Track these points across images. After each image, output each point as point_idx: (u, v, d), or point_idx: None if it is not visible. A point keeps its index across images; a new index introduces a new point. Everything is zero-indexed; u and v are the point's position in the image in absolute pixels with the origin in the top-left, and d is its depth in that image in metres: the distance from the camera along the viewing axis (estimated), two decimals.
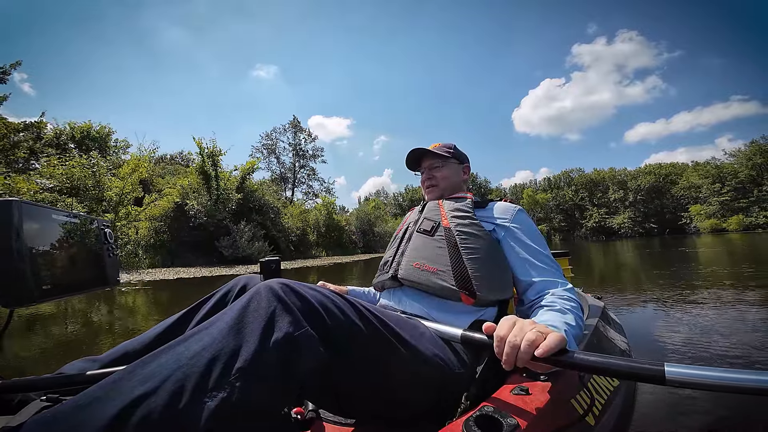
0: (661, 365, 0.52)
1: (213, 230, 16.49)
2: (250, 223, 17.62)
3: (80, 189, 13.33)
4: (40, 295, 0.65)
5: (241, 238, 16.49)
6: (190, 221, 16.07)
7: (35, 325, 3.67)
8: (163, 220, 15.64)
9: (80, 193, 13.31)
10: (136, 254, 13.81)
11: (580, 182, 61.61)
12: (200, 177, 17.48)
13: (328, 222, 25.50)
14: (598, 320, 1.32)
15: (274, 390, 0.49)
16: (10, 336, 3.17)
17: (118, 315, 4.31)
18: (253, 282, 0.91)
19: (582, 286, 2.26)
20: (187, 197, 16.59)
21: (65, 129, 23.01)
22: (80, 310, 4.67)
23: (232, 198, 17.76)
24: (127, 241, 13.99)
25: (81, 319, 4.06)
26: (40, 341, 3.04)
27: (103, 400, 0.42)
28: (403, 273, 0.99)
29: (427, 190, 1.23)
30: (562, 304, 0.84)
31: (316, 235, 24.20)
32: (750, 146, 46.03)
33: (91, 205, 13.19)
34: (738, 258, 7.73)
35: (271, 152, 38.83)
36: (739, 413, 1.26)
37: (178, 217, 16.09)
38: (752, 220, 42.28)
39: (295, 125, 39.85)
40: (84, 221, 0.81)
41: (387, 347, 0.66)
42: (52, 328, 3.53)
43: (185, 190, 16.78)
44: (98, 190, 13.67)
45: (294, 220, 22.37)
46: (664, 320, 2.67)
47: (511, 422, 0.58)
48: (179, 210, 16.22)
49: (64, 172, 13.17)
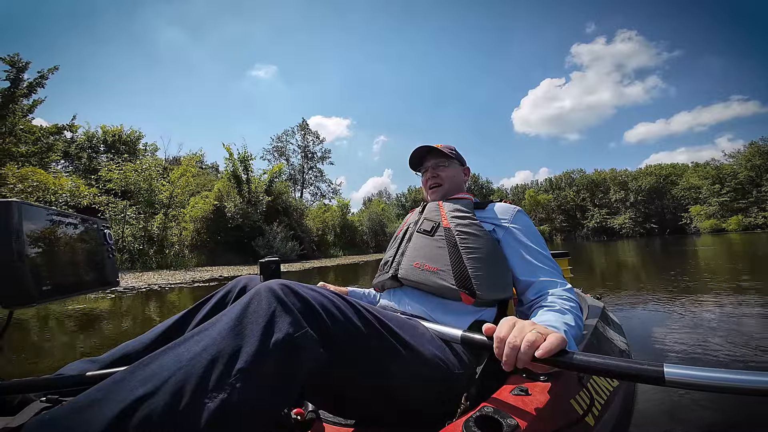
0: (660, 366, 0.52)
1: (248, 231, 17.55)
2: (280, 224, 18.91)
3: (135, 192, 14.03)
4: (40, 296, 0.65)
5: (275, 239, 18.01)
6: (228, 223, 17.27)
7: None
8: (202, 222, 16.67)
9: (134, 196, 14.03)
10: (182, 254, 14.49)
11: (582, 183, 61.87)
12: (233, 181, 19.03)
13: (343, 223, 26.65)
14: (598, 321, 1.32)
15: (274, 391, 0.49)
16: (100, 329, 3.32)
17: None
18: (253, 283, 0.91)
19: (582, 286, 2.26)
20: (222, 200, 17.66)
21: (97, 132, 24.54)
22: (171, 302, 4.93)
23: (262, 200, 19.25)
24: (175, 241, 14.69)
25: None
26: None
27: (104, 401, 0.42)
28: (404, 273, 0.99)
29: (430, 190, 1.22)
30: (562, 304, 0.84)
31: (333, 236, 25.35)
32: (749, 147, 46.43)
33: (143, 208, 13.86)
34: (737, 258, 7.74)
35: (281, 154, 39.38)
36: (739, 414, 1.26)
37: (216, 219, 17.23)
38: (751, 220, 42.67)
39: (303, 127, 40.65)
40: (84, 222, 0.81)
41: (387, 348, 0.66)
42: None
43: (221, 193, 17.87)
44: (150, 193, 14.32)
45: (315, 221, 23.60)
46: (664, 321, 2.67)
47: (510, 423, 0.58)
48: (217, 212, 17.37)
49: (120, 176, 13.84)
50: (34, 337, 3.16)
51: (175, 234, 14.91)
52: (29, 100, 15.07)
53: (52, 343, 2.94)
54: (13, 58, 14.71)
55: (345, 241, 26.42)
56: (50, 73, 15.53)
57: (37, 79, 15.30)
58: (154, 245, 13.94)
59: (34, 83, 15.16)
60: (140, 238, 13.63)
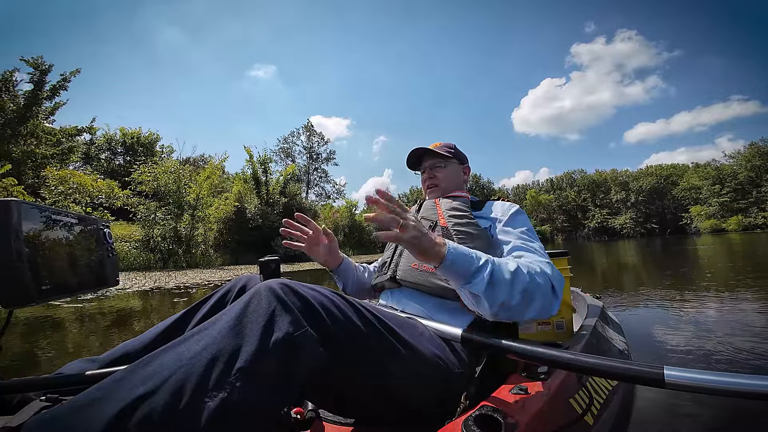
0: (660, 368, 0.52)
1: (267, 231, 18.47)
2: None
3: (164, 194, 14.53)
4: (39, 296, 0.65)
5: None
6: (248, 223, 18.28)
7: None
8: (224, 223, 17.26)
9: (163, 198, 14.50)
10: (208, 254, 15.08)
11: (583, 183, 62.06)
12: (252, 182, 20.23)
13: (351, 223, 27.39)
14: (597, 320, 1.32)
15: (274, 390, 0.49)
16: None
17: None
18: (253, 282, 0.91)
19: (581, 285, 2.26)
20: (243, 201, 18.56)
21: (116, 134, 25.67)
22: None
23: (279, 201, 20.38)
24: (201, 240, 15.25)
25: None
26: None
27: (103, 400, 0.42)
28: (402, 274, 0.99)
29: (428, 190, 1.23)
30: (520, 260, 0.81)
31: (343, 236, 26.07)
32: (749, 148, 46.70)
33: (172, 209, 14.39)
34: (738, 258, 7.73)
35: (287, 155, 39.84)
36: (740, 416, 1.26)
37: (237, 219, 18.04)
38: (751, 220, 42.96)
39: (308, 128, 41.27)
40: (83, 222, 0.81)
41: (386, 347, 0.66)
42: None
43: (240, 195, 18.69)
44: (179, 194, 14.84)
45: (326, 221, 24.40)
46: (664, 320, 2.67)
47: (510, 422, 0.58)
48: (238, 213, 18.18)
49: (152, 178, 14.28)
50: (74, 334, 3.17)
51: (201, 234, 15.47)
52: (51, 102, 15.56)
53: (94, 340, 2.95)
54: (36, 61, 15.06)
55: (353, 240, 26.96)
56: (72, 76, 15.98)
57: (60, 82, 15.74)
58: (183, 245, 14.45)
59: (57, 86, 15.61)
60: (170, 238, 14.09)
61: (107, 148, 25.18)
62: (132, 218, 14.15)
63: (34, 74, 14.99)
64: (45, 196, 11.75)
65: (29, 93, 14.81)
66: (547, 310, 0.79)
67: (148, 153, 25.22)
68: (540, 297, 0.77)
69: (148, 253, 13.23)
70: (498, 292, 0.73)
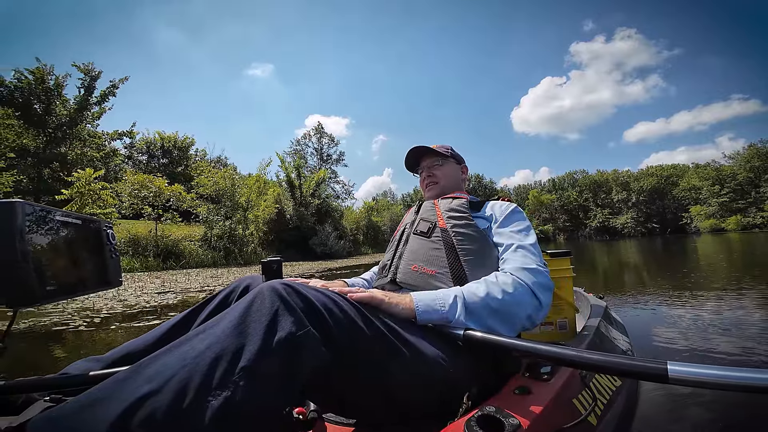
0: (664, 364, 0.52)
1: (305, 231, 20.64)
2: (330, 225, 21.90)
3: (222, 196, 15.62)
4: (43, 296, 0.65)
5: (328, 238, 21.05)
6: (288, 223, 20.40)
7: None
8: (268, 224, 18.86)
9: (220, 200, 15.56)
10: (256, 252, 16.32)
11: (584, 183, 62.25)
12: (286, 186, 22.52)
13: (368, 223, 29.70)
14: (600, 320, 1.32)
15: (277, 389, 0.49)
16: None
17: None
18: (256, 282, 0.91)
19: (584, 285, 2.26)
20: (282, 203, 20.21)
21: (154, 138, 27.61)
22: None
23: (312, 203, 22.34)
24: (250, 240, 16.26)
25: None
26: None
27: (107, 399, 0.42)
28: (402, 276, 0.99)
29: (427, 188, 1.23)
30: (487, 282, 0.83)
31: (362, 235, 28.26)
32: (748, 149, 46.92)
33: (229, 211, 15.49)
34: (737, 257, 7.73)
35: (300, 157, 40.52)
36: (744, 412, 1.26)
37: (278, 220, 19.88)
38: (750, 220, 43.13)
39: (318, 130, 42.45)
40: (86, 222, 0.81)
41: (388, 347, 0.66)
42: None
43: (279, 197, 20.25)
44: (234, 198, 15.95)
45: (349, 221, 26.39)
46: (667, 319, 2.67)
47: (512, 422, 0.58)
48: (279, 214, 19.96)
49: (213, 182, 15.37)
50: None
51: (251, 233, 16.51)
52: (99, 107, 16.35)
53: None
54: (87, 67, 15.54)
55: (370, 239, 29.11)
56: (121, 83, 16.69)
57: (109, 88, 16.42)
58: (237, 244, 15.33)
59: (107, 92, 16.35)
60: (227, 237, 14.98)
61: (146, 150, 26.94)
62: (193, 220, 15.27)
63: (84, 80, 15.51)
64: (123, 199, 12.66)
65: (80, 98, 15.39)
66: (533, 318, 0.82)
67: (183, 156, 27.37)
68: (521, 309, 0.81)
69: (212, 251, 14.08)
70: (480, 317, 0.77)
